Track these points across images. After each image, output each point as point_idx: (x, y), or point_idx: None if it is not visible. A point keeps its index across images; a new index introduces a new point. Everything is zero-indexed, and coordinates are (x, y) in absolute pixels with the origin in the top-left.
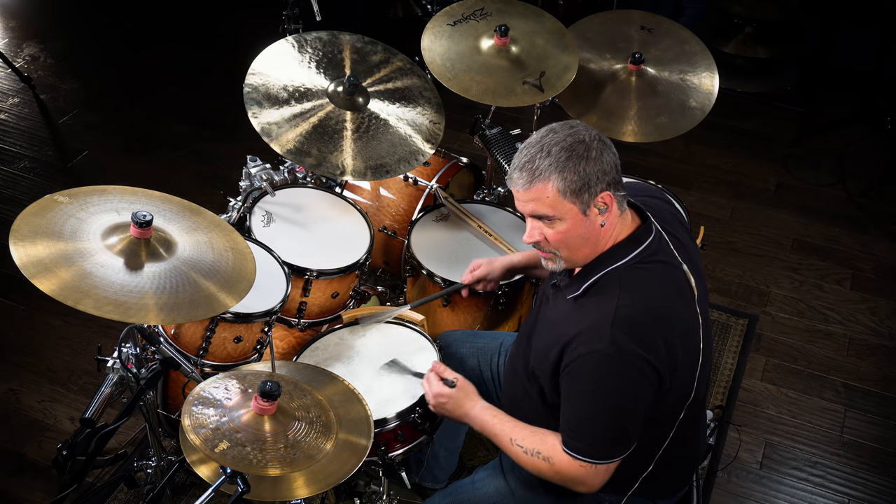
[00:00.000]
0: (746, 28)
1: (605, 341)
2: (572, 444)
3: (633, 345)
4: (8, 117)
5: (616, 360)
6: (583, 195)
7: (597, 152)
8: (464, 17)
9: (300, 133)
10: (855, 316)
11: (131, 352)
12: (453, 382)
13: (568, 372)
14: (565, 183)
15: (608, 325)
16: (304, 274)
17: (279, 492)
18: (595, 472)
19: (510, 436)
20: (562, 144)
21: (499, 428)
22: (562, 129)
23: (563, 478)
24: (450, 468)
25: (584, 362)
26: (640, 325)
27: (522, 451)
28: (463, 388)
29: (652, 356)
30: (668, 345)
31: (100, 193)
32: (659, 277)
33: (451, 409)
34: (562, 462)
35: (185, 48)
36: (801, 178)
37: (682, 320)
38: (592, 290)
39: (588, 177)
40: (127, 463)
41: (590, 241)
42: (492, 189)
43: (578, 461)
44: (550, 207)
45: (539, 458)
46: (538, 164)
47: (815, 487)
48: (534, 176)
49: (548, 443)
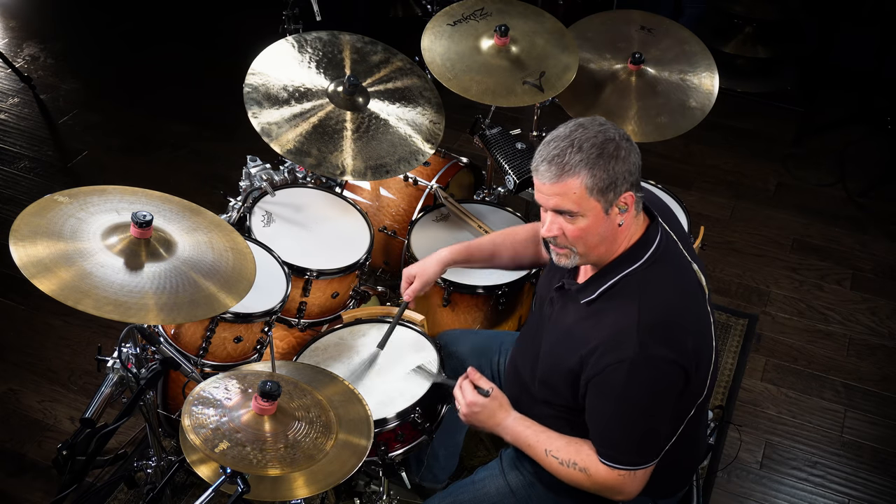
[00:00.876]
0: (746, 28)
1: (632, 348)
2: (608, 453)
3: (663, 348)
4: (8, 117)
5: (646, 366)
6: (608, 194)
7: (626, 152)
8: (464, 17)
9: (300, 133)
10: (855, 316)
11: (131, 352)
12: (488, 392)
13: (595, 383)
14: (594, 180)
15: (634, 330)
16: (304, 274)
17: (279, 492)
18: (633, 478)
19: (545, 447)
20: (592, 141)
21: (533, 439)
22: (591, 125)
23: (602, 487)
24: (450, 468)
25: (614, 372)
26: (665, 327)
27: (558, 463)
28: (497, 397)
29: (681, 357)
30: (692, 343)
31: (100, 193)
32: (673, 277)
33: (484, 419)
34: (599, 472)
35: (185, 48)
36: (801, 178)
37: (698, 319)
38: (608, 294)
39: (616, 176)
40: (127, 463)
41: (607, 240)
42: (492, 189)
43: (617, 470)
44: (575, 203)
45: (576, 468)
46: (568, 159)
47: (815, 487)
48: (563, 170)
49: (583, 453)
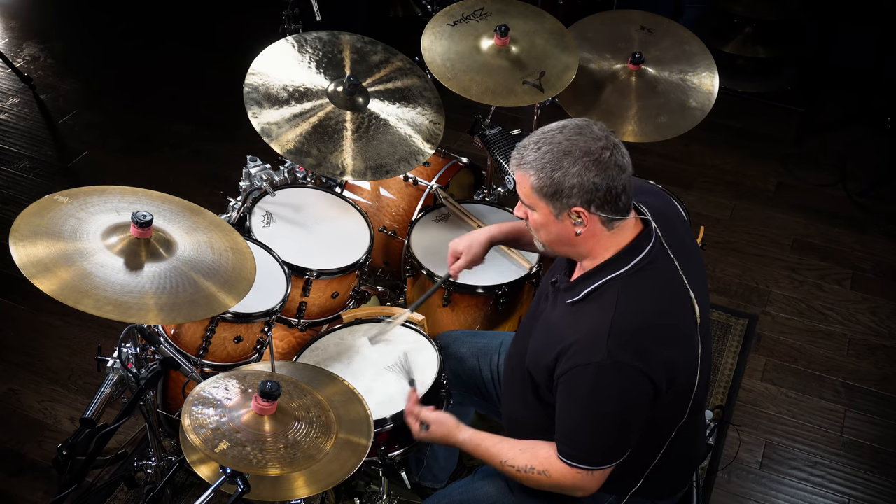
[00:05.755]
0: (746, 28)
1: (601, 353)
2: (567, 451)
3: (630, 356)
4: (8, 117)
5: (612, 372)
6: (556, 201)
7: (581, 169)
8: (464, 17)
9: (300, 133)
10: (855, 316)
11: (131, 352)
12: (427, 426)
13: (564, 381)
14: (539, 182)
15: (605, 335)
16: (304, 274)
17: (279, 492)
18: (591, 477)
19: (500, 458)
20: (556, 147)
21: (486, 454)
22: (571, 131)
23: (562, 486)
24: (450, 468)
25: (580, 373)
26: (636, 337)
27: (516, 471)
28: (438, 427)
29: (648, 368)
30: (665, 354)
31: (100, 193)
32: (657, 285)
33: (440, 440)
34: (558, 471)
35: (186, 48)
36: (801, 178)
37: (680, 327)
38: (591, 297)
39: (560, 187)
40: (127, 463)
41: (566, 243)
42: (492, 189)
43: (575, 468)
44: (526, 196)
45: (534, 472)
46: (525, 154)
47: (815, 487)
48: (519, 163)
49: (540, 456)
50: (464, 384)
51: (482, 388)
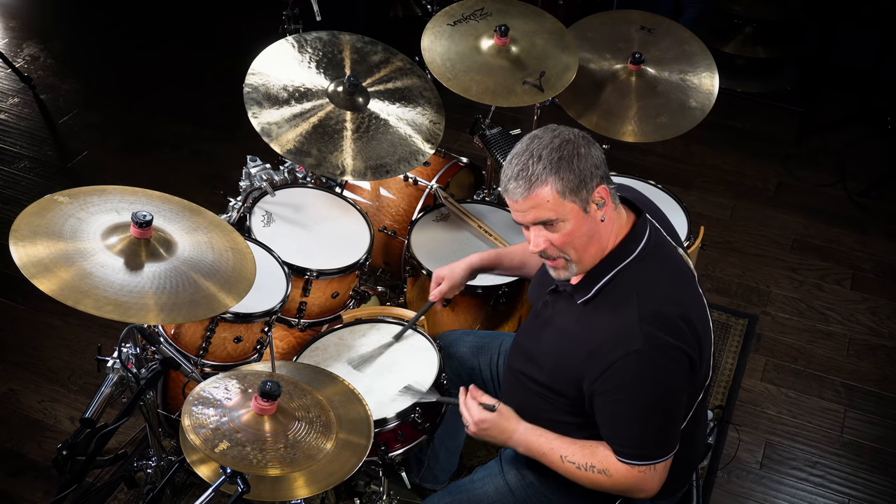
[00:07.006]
0: (746, 28)
1: (637, 341)
2: (624, 451)
3: (666, 336)
4: (8, 117)
5: (655, 356)
6: (581, 192)
7: (585, 149)
8: (464, 17)
9: (300, 133)
10: (855, 316)
11: (131, 352)
12: (493, 407)
13: (604, 380)
14: (563, 183)
15: (636, 323)
16: (304, 274)
17: (279, 492)
18: (654, 473)
19: (560, 453)
20: (550, 147)
21: (547, 447)
22: (545, 133)
23: (623, 487)
24: (450, 468)
25: (621, 367)
26: (666, 316)
27: (576, 468)
28: (503, 411)
29: (684, 344)
30: (693, 329)
31: (100, 193)
32: (667, 268)
33: (495, 434)
34: (619, 472)
35: (186, 48)
36: (801, 178)
37: (694, 305)
38: (604, 292)
39: (583, 173)
40: (127, 463)
41: (595, 238)
42: (492, 189)
43: (636, 467)
44: (552, 210)
45: (594, 471)
46: (532, 170)
47: (815, 487)
48: (531, 182)
49: (599, 455)
50: (464, 384)
51: (482, 389)
